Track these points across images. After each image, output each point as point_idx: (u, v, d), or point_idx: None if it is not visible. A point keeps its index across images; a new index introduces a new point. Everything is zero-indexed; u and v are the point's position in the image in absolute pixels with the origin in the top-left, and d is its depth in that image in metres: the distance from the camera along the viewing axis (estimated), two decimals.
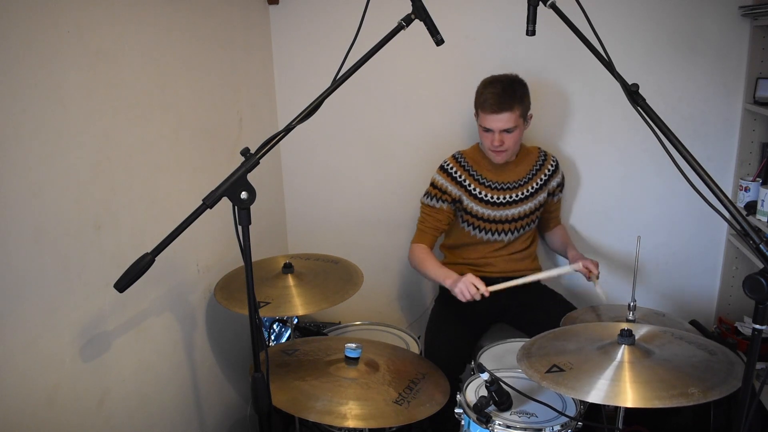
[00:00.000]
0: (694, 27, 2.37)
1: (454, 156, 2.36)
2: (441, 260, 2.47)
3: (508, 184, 2.33)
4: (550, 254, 2.67)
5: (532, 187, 2.35)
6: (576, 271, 2.17)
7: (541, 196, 2.37)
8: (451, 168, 2.32)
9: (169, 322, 1.86)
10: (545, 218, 2.50)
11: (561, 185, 2.45)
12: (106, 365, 1.57)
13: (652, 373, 1.43)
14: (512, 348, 2.06)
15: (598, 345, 1.56)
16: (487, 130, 2.18)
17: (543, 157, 2.40)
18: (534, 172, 2.36)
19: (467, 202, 2.32)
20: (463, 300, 2.05)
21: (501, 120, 2.13)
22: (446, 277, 2.17)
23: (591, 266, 2.15)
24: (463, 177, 2.32)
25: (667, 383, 1.39)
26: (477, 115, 2.23)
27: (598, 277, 2.16)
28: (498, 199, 2.32)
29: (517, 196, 2.33)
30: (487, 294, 2.03)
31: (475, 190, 2.32)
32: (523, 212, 2.34)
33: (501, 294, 2.25)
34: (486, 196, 2.31)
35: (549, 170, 2.39)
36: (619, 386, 1.40)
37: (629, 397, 1.37)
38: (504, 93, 2.13)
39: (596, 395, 1.38)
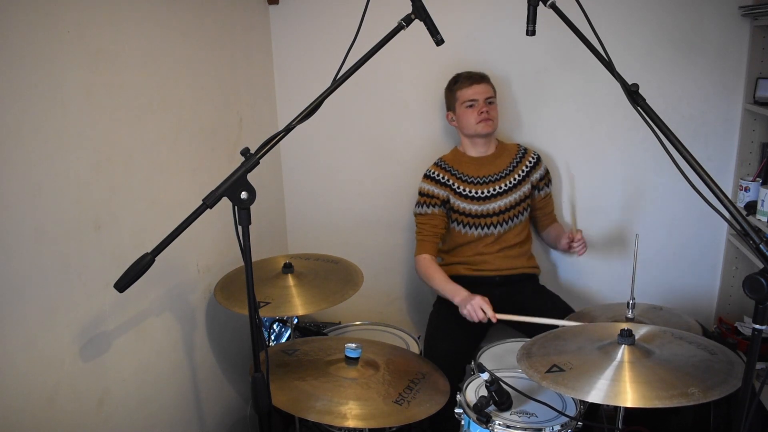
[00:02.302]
0: (694, 27, 2.37)
1: (435, 162, 2.47)
2: (441, 262, 2.49)
3: (490, 177, 2.39)
4: (549, 255, 2.67)
5: (514, 179, 2.40)
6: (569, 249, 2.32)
7: (525, 188, 2.41)
8: (434, 173, 2.43)
9: (169, 322, 1.86)
10: (537, 216, 2.53)
11: (545, 179, 2.48)
12: (106, 365, 1.57)
13: (652, 373, 1.43)
14: (512, 348, 2.05)
15: (598, 345, 1.56)
16: (471, 104, 2.32)
17: (523, 152, 2.47)
18: (514, 164, 2.43)
19: (453, 200, 2.39)
20: (471, 319, 2.09)
21: (482, 88, 2.33)
22: (455, 294, 2.20)
23: (574, 236, 2.28)
24: (446, 178, 2.40)
25: (667, 383, 1.39)
26: (455, 102, 2.37)
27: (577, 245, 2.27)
28: (482, 193, 2.38)
29: (500, 188, 2.39)
30: (494, 320, 2.07)
31: (459, 188, 2.39)
32: (508, 204, 2.39)
33: (501, 296, 2.25)
34: (470, 192, 2.38)
35: (530, 162, 2.44)
36: (619, 386, 1.40)
37: (629, 397, 1.37)
38: (474, 72, 2.37)
39: (596, 395, 1.38)
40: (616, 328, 1.60)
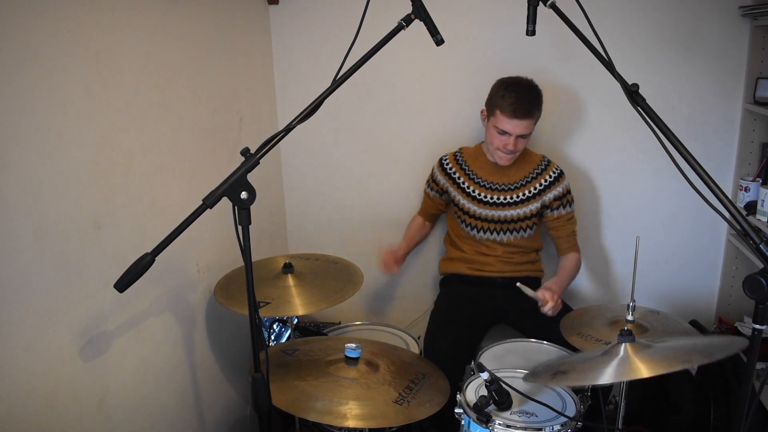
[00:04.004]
0: (694, 27, 2.37)
1: (454, 151, 2.44)
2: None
3: (500, 186, 2.34)
4: (552, 258, 2.67)
5: (524, 194, 2.31)
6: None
7: (534, 205, 2.32)
8: (446, 161, 2.42)
9: (169, 322, 1.86)
10: (552, 237, 2.42)
11: (561, 200, 2.33)
12: (106, 365, 1.57)
13: (657, 354, 1.43)
14: (512, 348, 2.06)
15: (600, 352, 1.56)
16: (503, 132, 2.17)
17: (544, 166, 2.35)
18: (530, 178, 2.33)
19: (454, 194, 2.37)
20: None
21: (521, 125, 2.14)
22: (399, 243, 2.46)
23: (548, 298, 2.05)
24: (454, 170, 2.38)
25: (672, 360, 1.39)
26: (490, 115, 2.20)
27: (546, 309, 2.07)
28: (487, 198, 2.33)
29: (506, 199, 2.32)
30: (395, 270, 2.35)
31: (464, 184, 2.36)
32: (512, 217, 2.33)
33: (503, 297, 2.25)
34: (474, 192, 2.34)
35: (547, 180, 2.32)
36: (628, 367, 1.39)
37: (642, 371, 1.34)
38: (526, 98, 2.14)
39: (607, 377, 1.36)
40: (614, 335, 1.60)
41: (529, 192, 2.32)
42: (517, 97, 2.12)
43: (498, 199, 2.33)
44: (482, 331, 2.31)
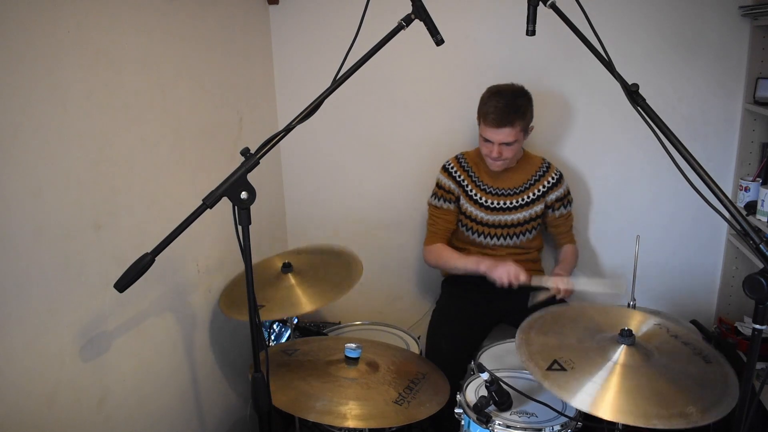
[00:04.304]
0: (694, 27, 2.37)
1: (456, 156, 2.41)
2: None
3: (504, 191, 2.34)
4: (552, 257, 2.67)
5: (528, 197, 2.34)
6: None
7: (538, 207, 2.35)
8: (452, 168, 2.38)
9: (169, 322, 1.86)
10: (551, 233, 2.49)
11: (562, 200, 2.39)
12: (106, 365, 1.57)
13: (648, 386, 1.41)
14: (512, 348, 2.04)
15: (597, 338, 1.55)
16: (487, 140, 2.20)
17: (545, 169, 2.37)
18: (532, 182, 2.35)
19: (463, 201, 2.36)
20: (501, 283, 2.12)
21: (501, 134, 2.15)
22: (479, 263, 2.21)
23: (561, 285, 2.12)
24: (461, 177, 2.36)
25: (664, 398, 1.37)
26: (479, 123, 2.24)
27: (561, 296, 2.14)
28: (492, 203, 2.33)
29: (511, 203, 2.33)
30: (525, 281, 2.13)
31: (471, 191, 2.35)
32: (517, 220, 2.34)
33: (502, 296, 2.24)
34: (480, 198, 2.34)
35: (549, 182, 2.36)
36: (612, 395, 1.38)
37: (619, 414, 1.34)
38: (507, 108, 2.14)
39: (582, 401, 1.36)
40: (615, 319, 1.59)
41: (533, 194, 2.35)
42: (497, 106, 2.14)
43: (501, 204, 2.33)
44: (483, 331, 2.31)
